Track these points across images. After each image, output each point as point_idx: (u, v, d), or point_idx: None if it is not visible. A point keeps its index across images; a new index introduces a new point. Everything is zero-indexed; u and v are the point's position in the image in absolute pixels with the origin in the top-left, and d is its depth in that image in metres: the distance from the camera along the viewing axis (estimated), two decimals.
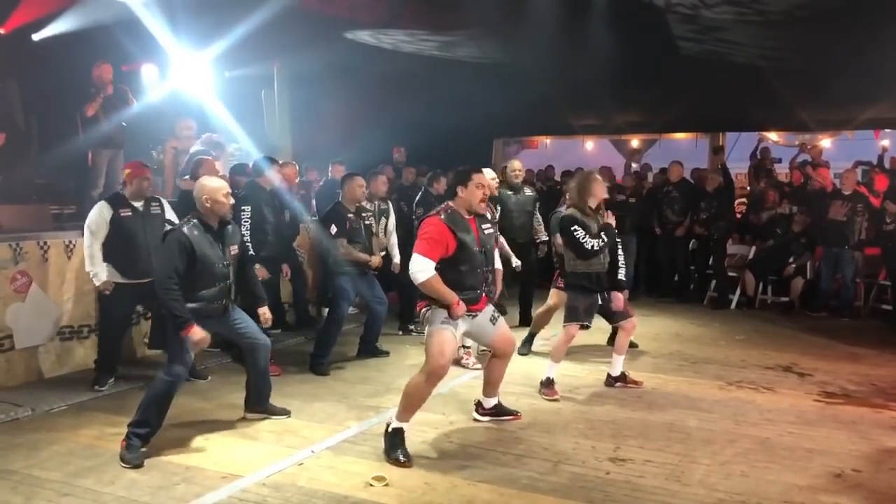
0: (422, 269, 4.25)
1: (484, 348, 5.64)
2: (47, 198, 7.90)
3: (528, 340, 6.87)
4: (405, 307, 7.66)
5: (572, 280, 5.63)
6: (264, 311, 4.96)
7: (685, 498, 3.88)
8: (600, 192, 5.64)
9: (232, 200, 4.66)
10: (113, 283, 5.62)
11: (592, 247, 5.43)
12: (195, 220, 4.55)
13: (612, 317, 5.79)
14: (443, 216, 4.37)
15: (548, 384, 5.62)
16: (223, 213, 4.59)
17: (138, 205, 5.70)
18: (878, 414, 5.27)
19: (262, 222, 6.31)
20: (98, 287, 5.67)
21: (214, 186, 4.59)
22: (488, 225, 4.61)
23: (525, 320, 7.85)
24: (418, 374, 4.39)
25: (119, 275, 5.64)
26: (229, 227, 4.69)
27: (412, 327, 7.68)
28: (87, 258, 5.65)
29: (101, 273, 5.60)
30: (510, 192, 7.58)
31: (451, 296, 4.28)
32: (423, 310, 4.44)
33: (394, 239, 7.15)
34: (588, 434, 4.80)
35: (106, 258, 5.63)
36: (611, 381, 5.92)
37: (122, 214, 5.61)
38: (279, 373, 6.02)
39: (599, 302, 5.62)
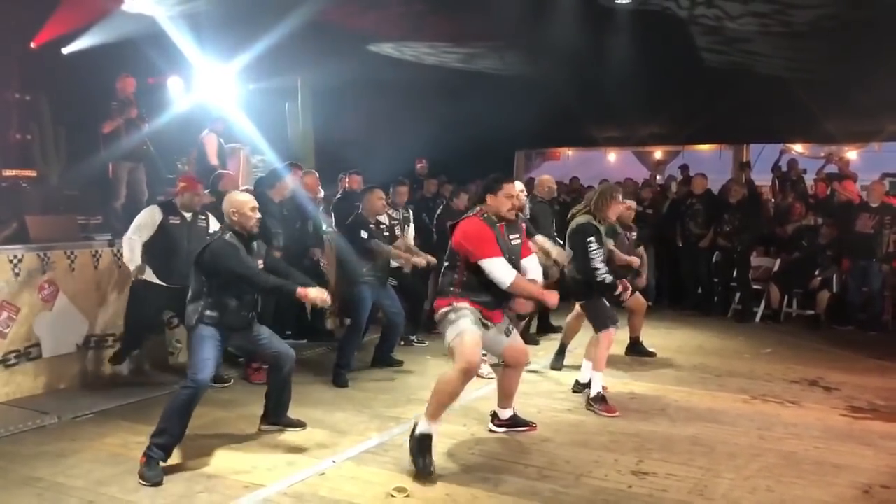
0: (505, 273, 4.29)
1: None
2: (75, 208, 8.01)
3: (560, 353, 6.72)
4: (409, 317, 7.63)
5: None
6: (304, 293, 4.61)
7: None
8: (618, 209, 5.82)
9: (258, 215, 4.71)
10: (144, 268, 5.86)
11: (599, 272, 5.45)
12: (230, 232, 4.60)
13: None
14: (483, 217, 4.43)
15: (601, 399, 5.49)
16: (250, 227, 4.64)
17: (188, 215, 5.99)
18: None
19: (266, 233, 6.33)
20: (132, 270, 5.88)
21: (242, 200, 4.67)
22: (516, 235, 4.58)
23: (542, 328, 8.05)
24: (450, 371, 4.33)
25: (156, 277, 5.90)
26: (255, 242, 4.74)
27: (413, 338, 7.73)
28: (125, 248, 5.90)
29: (137, 261, 5.83)
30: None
31: (536, 290, 4.39)
32: (444, 309, 4.41)
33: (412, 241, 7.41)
34: (610, 447, 4.77)
35: (148, 261, 5.89)
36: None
37: (170, 221, 5.91)
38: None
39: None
